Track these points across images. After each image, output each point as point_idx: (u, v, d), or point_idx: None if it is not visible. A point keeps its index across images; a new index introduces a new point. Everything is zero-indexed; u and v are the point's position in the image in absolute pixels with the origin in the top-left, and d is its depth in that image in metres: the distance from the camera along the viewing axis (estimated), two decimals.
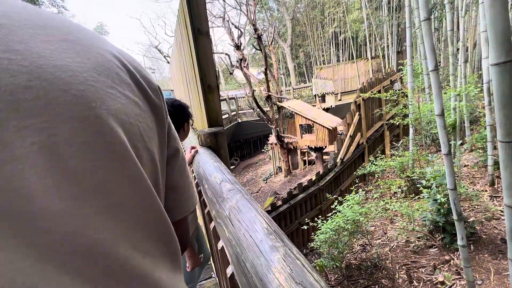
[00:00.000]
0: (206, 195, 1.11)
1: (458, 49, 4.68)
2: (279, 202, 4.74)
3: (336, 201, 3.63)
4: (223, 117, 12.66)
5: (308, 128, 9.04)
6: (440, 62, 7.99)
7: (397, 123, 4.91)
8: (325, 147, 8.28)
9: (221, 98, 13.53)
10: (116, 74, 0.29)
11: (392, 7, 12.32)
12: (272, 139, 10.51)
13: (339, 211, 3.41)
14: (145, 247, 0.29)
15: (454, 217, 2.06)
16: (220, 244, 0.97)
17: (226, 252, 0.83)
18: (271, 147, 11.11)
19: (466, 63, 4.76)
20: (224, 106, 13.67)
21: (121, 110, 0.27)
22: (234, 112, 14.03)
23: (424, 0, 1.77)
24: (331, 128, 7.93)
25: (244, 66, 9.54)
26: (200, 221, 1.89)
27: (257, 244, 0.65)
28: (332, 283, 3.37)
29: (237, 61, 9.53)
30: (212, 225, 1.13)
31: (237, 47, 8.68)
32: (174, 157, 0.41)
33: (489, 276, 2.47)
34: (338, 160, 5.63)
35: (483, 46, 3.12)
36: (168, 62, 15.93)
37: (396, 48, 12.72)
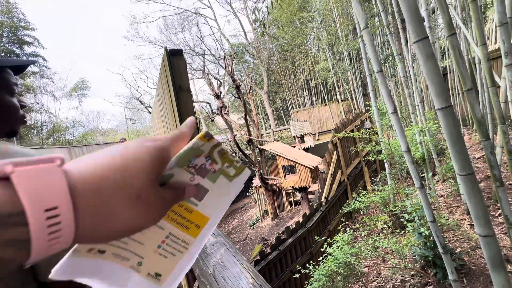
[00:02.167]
0: None
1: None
2: (268, 249, 4.49)
3: (326, 243, 3.53)
4: None
5: (290, 169, 9.18)
6: (401, 102, 8.94)
7: (373, 159, 5.18)
8: (309, 186, 8.34)
9: None
10: None
11: (353, 58, 14.08)
12: (256, 181, 10.44)
13: (330, 254, 3.30)
14: None
15: (440, 250, 2.09)
16: None
17: None
18: (256, 190, 10.95)
19: (423, 102, 5.37)
20: None
21: None
22: None
23: (375, 57, 2.09)
24: (312, 168, 8.13)
25: (224, 113, 9.95)
26: (183, 280, 1.74)
27: None
28: None
29: (218, 109, 9.97)
30: (195, 285, 1.06)
31: (217, 96, 9.19)
32: None
33: None
34: (323, 199, 5.64)
35: None
36: (150, 112, 16.23)
37: (362, 91, 14.13)
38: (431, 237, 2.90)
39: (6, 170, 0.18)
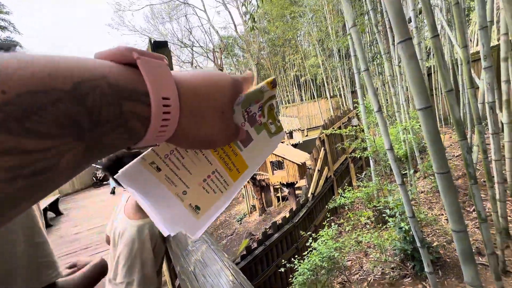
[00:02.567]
0: (171, 248, 1.06)
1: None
2: (255, 244, 4.55)
3: (311, 238, 3.61)
4: None
5: (279, 165, 9.25)
6: (387, 100, 9.17)
7: (359, 156, 5.31)
8: (297, 182, 8.46)
9: None
10: None
11: (342, 55, 14.23)
12: None
13: (315, 249, 3.38)
14: None
15: (417, 244, 2.18)
16: None
17: None
18: (244, 186, 11.01)
19: (407, 101, 5.53)
20: None
21: None
22: None
23: (362, 56, 2.12)
24: (300, 164, 8.23)
25: None
26: (167, 277, 1.73)
27: None
28: None
29: None
30: (177, 283, 1.06)
31: None
32: None
33: None
34: (309, 194, 5.74)
35: None
36: None
37: (350, 88, 14.37)
38: (411, 232, 3.03)
39: (134, 56, 0.21)
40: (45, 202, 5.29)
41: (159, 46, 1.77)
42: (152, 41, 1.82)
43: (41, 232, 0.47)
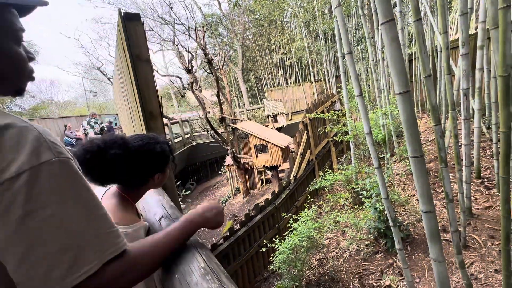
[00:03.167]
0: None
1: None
2: (238, 226, 4.63)
3: (292, 219, 3.72)
4: (176, 140, 12.25)
5: (262, 148, 9.29)
6: (369, 85, 9.31)
7: (339, 140, 5.42)
8: (280, 165, 8.58)
9: (173, 120, 13.07)
10: None
11: (328, 39, 14.08)
12: (229, 160, 10.46)
13: (295, 229, 3.49)
14: None
15: (390, 223, 2.31)
16: None
17: None
18: (228, 169, 11.01)
19: (388, 87, 5.63)
20: (177, 129, 13.20)
21: None
22: (188, 135, 13.65)
23: (345, 38, 2.08)
24: (283, 147, 8.31)
25: (196, 89, 9.52)
26: None
27: None
28: None
29: (189, 84, 9.48)
30: None
31: (188, 70, 8.68)
32: None
33: (425, 273, 2.78)
34: (291, 177, 5.86)
35: None
36: (112, 84, 14.88)
37: (335, 73, 14.40)
38: (385, 212, 3.20)
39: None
40: None
41: (130, 19, 1.61)
42: (123, 13, 1.65)
43: (100, 205, 0.47)
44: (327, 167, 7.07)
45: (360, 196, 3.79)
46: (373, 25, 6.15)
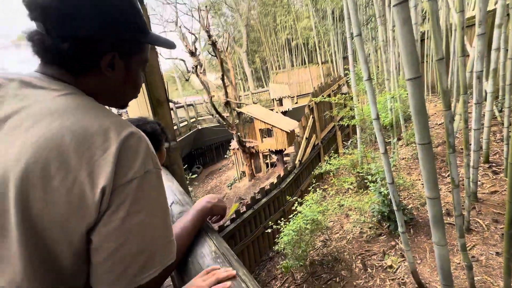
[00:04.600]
0: None
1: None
2: (244, 208, 4.76)
3: (297, 202, 3.80)
4: (182, 124, 12.25)
5: (268, 132, 9.29)
6: (378, 67, 9.01)
7: (346, 124, 5.37)
8: (285, 149, 8.61)
9: (178, 104, 13.05)
10: None
11: (336, 17, 13.48)
12: (234, 144, 10.53)
13: (300, 212, 3.57)
14: None
15: (394, 207, 2.34)
16: None
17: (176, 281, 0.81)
18: (234, 153, 11.11)
19: (398, 69, 5.45)
20: (182, 113, 13.22)
21: None
22: (193, 119, 13.67)
23: (355, 18, 1.99)
24: (289, 131, 8.29)
25: (200, 72, 9.39)
26: None
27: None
28: (298, 281, 3.51)
29: (193, 67, 9.34)
30: None
31: (192, 53, 8.51)
32: None
33: (426, 255, 2.85)
34: (297, 161, 5.90)
35: None
36: None
37: (342, 54, 13.93)
38: (389, 196, 3.23)
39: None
40: None
41: None
42: None
43: (170, 213, 0.52)
44: (332, 151, 7.06)
45: (365, 181, 3.81)
46: (384, 2, 5.83)
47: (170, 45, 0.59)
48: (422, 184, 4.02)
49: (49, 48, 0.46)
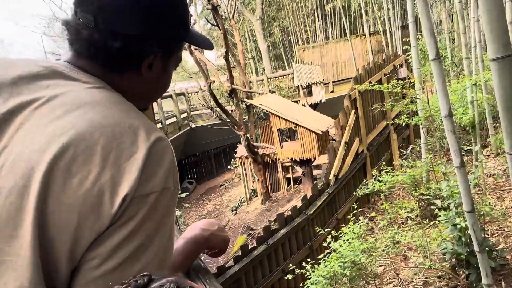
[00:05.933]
0: None
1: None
2: (254, 243, 4.77)
3: (330, 236, 3.77)
4: (169, 121, 12.64)
5: (290, 134, 9.29)
6: (454, 40, 8.85)
7: (404, 124, 5.28)
8: (314, 159, 8.57)
9: (164, 94, 13.35)
10: None
11: None
12: (241, 150, 10.60)
13: (334, 250, 3.54)
14: None
15: (475, 247, 2.28)
16: None
17: None
18: (241, 162, 11.18)
19: (482, 43, 5.32)
20: (169, 106, 13.52)
21: None
22: (185, 114, 13.93)
23: None
24: (320, 133, 8.25)
25: (195, 49, 9.60)
26: None
27: None
28: None
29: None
30: None
31: None
32: None
33: None
34: (331, 176, 5.85)
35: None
36: None
37: (400, 21, 13.78)
38: (468, 230, 3.14)
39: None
40: None
41: None
42: None
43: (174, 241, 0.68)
44: (384, 163, 6.95)
45: (432, 207, 3.73)
46: None
47: (209, 45, 0.74)
48: None
49: (96, 42, 0.58)
